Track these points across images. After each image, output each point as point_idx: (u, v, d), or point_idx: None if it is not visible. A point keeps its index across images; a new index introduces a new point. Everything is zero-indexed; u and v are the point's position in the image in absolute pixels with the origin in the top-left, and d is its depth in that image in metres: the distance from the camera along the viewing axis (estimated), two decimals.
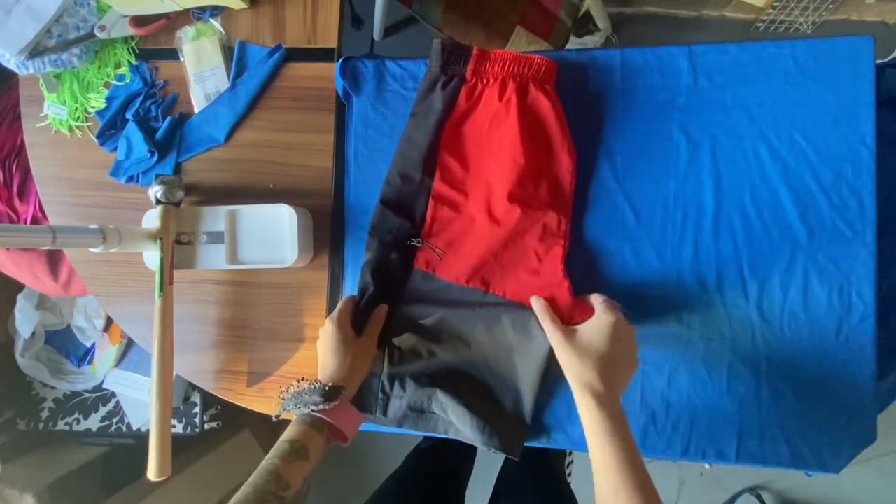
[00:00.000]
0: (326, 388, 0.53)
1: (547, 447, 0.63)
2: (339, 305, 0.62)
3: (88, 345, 1.11)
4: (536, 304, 0.58)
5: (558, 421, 0.62)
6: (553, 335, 0.55)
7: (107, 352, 1.09)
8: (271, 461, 0.48)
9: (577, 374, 0.51)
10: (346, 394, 0.55)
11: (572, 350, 0.52)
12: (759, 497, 1.37)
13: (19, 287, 1.06)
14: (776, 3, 1.31)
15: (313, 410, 0.52)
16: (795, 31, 1.37)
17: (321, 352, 0.59)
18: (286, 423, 0.55)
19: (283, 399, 0.56)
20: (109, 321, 1.09)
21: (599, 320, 0.53)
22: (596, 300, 0.57)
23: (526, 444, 0.61)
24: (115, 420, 1.11)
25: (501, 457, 0.62)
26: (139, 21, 0.69)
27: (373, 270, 0.63)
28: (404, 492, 0.78)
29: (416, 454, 0.91)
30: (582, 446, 0.56)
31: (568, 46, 1.08)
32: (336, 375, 0.56)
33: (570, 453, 0.97)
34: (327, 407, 0.52)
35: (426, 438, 0.93)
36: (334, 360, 0.57)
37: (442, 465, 0.89)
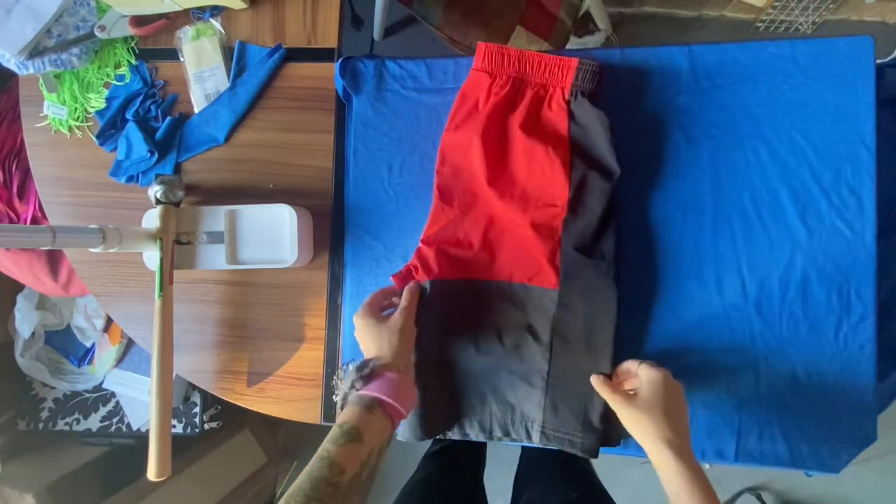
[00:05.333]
0: (360, 363, 0.52)
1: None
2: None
3: (88, 345, 1.11)
4: (595, 381, 0.57)
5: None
6: (615, 401, 0.54)
7: (107, 352, 1.09)
8: (323, 447, 0.46)
9: (650, 431, 0.50)
10: (387, 365, 0.53)
11: (639, 409, 0.51)
12: (759, 497, 1.36)
13: (19, 287, 1.06)
14: (776, 3, 1.31)
15: (356, 388, 0.51)
16: (795, 31, 1.37)
17: (360, 343, 0.58)
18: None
19: (336, 386, 0.54)
20: (109, 321, 1.09)
21: (649, 376, 0.53)
22: (633, 364, 0.56)
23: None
24: (115, 420, 1.11)
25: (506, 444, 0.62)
26: (139, 21, 0.69)
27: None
28: (433, 493, 0.78)
29: (434, 456, 0.91)
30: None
31: (568, 46, 1.08)
32: (373, 353, 0.55)
33: None
34: (362, 381, 0.51)
35: (437, 440, 0.93)
36: (371, 342, 0.56)
37: (460, 461, 0.89)
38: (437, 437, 0.61)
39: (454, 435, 0.62)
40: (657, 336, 0.61)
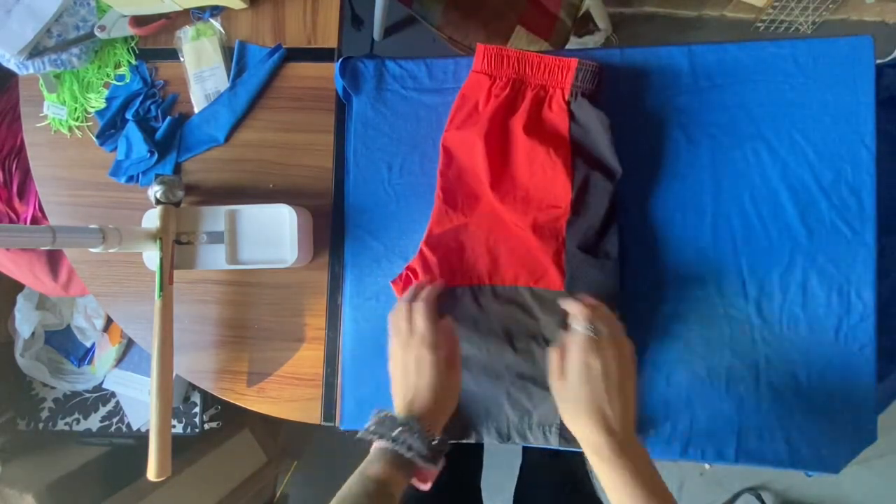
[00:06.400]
0: (434, 441, 0.46)
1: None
2: (424, 322, 0.51)
3: (88, 345, 1.11)
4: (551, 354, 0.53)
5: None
6: (552, 382, 0.51)
7: (107, 352, 1.09)
8: (358, 499, 0.42)
9: (575, 431, 0.47)
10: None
11: (560, 397, 0.48)
12: (759, 497, 1.37)
13: (19, 287, 1.06)
14: (776, 3, 1.31)
15: (416, 458, 0.45)
16: (795, 31, 1.37)
17: (414, 377, 0.50)
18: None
19: (373, 425, 0.48)
20: (109, 321, 1.09)
21: (572, 350, 0.48)
22: (572, 319, 0.51)
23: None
24: (115, 420, 1.11)
25: (506, 447, 0.62)
26: (139, 21, 0.69)
27: None
28: (431, 497, 0.78)
29: None
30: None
31: (568, 46, 1.08)
32: (438, 420, 0.49)
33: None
34: (432, 467, 0.46)
35: None
36: (435, 399, 0.49)
37: (458, 464, 0.89)
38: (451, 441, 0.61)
39: (469, 440, 0.62)
40: (657, 336, 0.61)
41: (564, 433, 0.59)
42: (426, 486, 0.48)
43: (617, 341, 0.49)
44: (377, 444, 0.47)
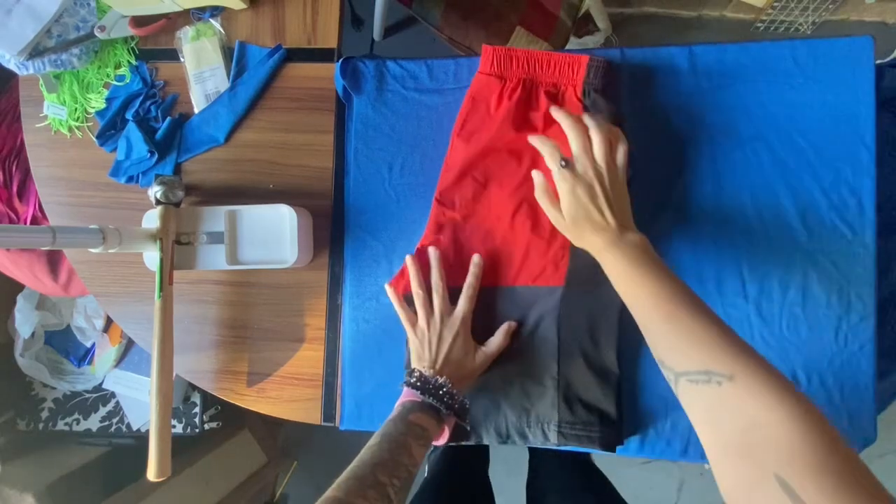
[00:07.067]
0: (466, 403, 0.56)
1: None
2: (444, 304, 0.59)
3: (88, 345, 1.11)
4: (537, 177, 0.58)
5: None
6: (549, 214, 0.57)
7: (107, 352, 1.09)
8: (403, 437, 0.49)
9: (581, 245, 0.54)
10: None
11: (565, 231, 0.55)
12: None
13: (19, 287, 1.06)
14: (776, 3, 1.31)
15: (449, 413, 0.54)
16: (795, 31, 1.37)
17: (447, 344, 0.58)
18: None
19: (418, 376, 0.55)
20: (109, 321, 1.09)
21: (560, 187, 0.54)
22: (545, 159, 0.56)
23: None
24: (115, 420, 1.11)
25: (507, 448, 0.62)
26: (139, 21, 0.69)
27: None
28: (443, 494, 0.79)
29: (440, 457, 0.91)
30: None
31: (568, 47, 1.08)
32: (465, 387, 0.58)
33: None
34: (461, 421, 0.57)
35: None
36: (468, 370, 0.58)
37: (467, 459, 0.90)
38: (451, 444, 0.61)
39: (469, 442, 0.62)
40: None
41: (563, 430, 0.59)
42: (441, 442, 0.56)
43: (590, 158, 0.53)
44: (415, 398, 0.54)
